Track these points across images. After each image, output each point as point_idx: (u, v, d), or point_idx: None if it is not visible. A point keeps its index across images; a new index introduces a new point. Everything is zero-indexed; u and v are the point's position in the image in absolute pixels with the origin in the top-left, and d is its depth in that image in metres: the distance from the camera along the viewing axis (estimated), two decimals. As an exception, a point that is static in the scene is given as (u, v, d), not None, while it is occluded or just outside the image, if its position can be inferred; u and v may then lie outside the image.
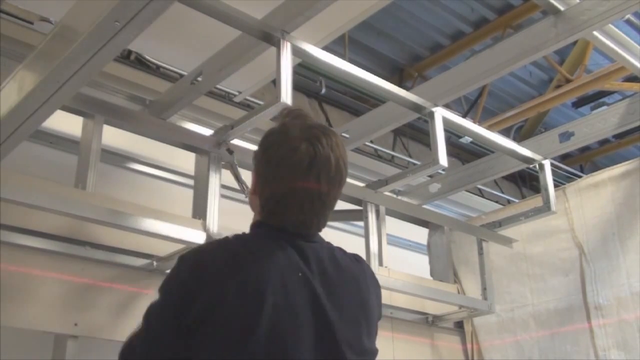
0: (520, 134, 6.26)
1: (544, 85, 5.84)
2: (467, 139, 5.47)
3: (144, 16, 1.52)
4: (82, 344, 2.32)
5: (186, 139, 2.67)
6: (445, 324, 3.67)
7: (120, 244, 2.47)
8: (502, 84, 5.73)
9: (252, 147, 2.98)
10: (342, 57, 3.38)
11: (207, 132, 2.69)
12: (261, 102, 4.03)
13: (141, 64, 3.77)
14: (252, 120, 2.31)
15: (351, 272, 1.39)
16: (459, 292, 3.76)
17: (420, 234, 4.08)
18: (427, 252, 4.00)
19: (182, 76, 3.08)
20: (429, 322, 3.59)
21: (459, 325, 3.79)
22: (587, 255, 3.37)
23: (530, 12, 4.85)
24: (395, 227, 3.96)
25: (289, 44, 2.12)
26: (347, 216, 3.84)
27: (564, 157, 6.67)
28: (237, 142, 2.77)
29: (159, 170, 3.53)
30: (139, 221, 2.26)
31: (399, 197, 3.74)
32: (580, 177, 4.73)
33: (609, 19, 2.32)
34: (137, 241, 2.48)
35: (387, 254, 3.51)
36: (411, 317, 3.52)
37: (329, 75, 4.57)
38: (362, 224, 3.19)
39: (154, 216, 2.35)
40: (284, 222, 1.35)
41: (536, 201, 3.40)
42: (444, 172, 3.76)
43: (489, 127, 4.91)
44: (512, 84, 5.84)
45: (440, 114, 2.73)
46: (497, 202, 5.98)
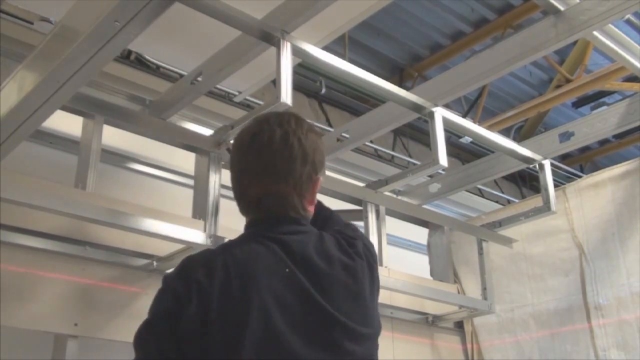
0: (520, 134, 6.26)
1: (544, 85, 5.84)
2: (467, 139, 5.47)
3: (144, 16, 1.53)
4: (82, 344, 2.32)
5: (186, 139, 2.67)
6: (445, 324, 3.67)
7: (120, 244, 2.47)
8: (502, 84, 5.74)
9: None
10: (342, 57, 3.38)
11: (207, 132, 2.69)
12: (261, 102, 4.03)
13: (141, 64, 3.77)
14: (252, 120, 2.31)
15: (340, 260, 1.39)
16: (459, 292, 3.76)
17: (420, 234, 4.08)
18: (427, 252, 3.99)
19: (182, 76, 3.08)
20: (429, 322, 3.59)
21: (459, 325, 3.79)
22: (587, 255, 3.37)
23: (530, 12, 4.85)
24: (395, 227, 3.96)
25: (289, 44, 2.11)
26: (347, 216, 3.83)
27: (564, 157, 6.68)
28: (237, 142, 2.77)
29: (159, 170, 3.53)
30: (139, 221, 2.26)
31: (399, 197, 3.74)
32: (580, 177, 4.73)
33: (609, 19, 2.31)
34: (137, 241, 2.48)
35: (387, 254, 3.51)
36: (411, 317, 3.52)
37: (329, 75, 4.57)
38: (362, 224, 3.19)
39: (154, 216, 2.35)
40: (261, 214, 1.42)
41: (536, 201, 3.40)
42: (444, 172, 3.76)
43: (489, 127, 4.91)
44: (512, 84, 5.84)
45: (440, 114, 2.73)
46: (497, 202, 5.98)
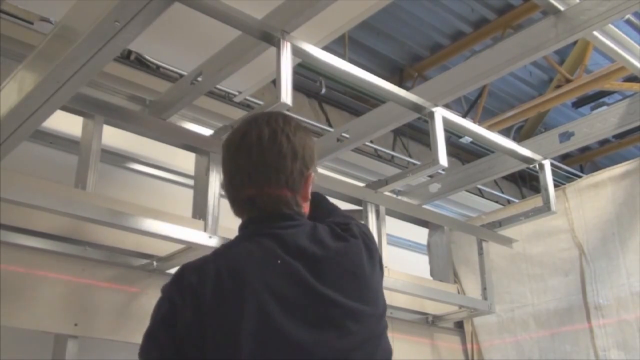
0: (520, 134, 6.26)
1: (544, 85, 5.84)
2: (467, 139, 5.47)
3: (144, 16, 1.53)
4: (82, 344, 2.32)
5: (186, 139, 2.67)
6: (445, 324, 3.67)
7: (120, 244, 2.47)
8: (502, 84, 5.74)
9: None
10: (342, 57, 3.38)
11: (207, 132, 2.69)
12: (261, 102, 4.03)
13: (141, 64, 3.77)
14: (252, 120, 2.31)
15: (335, 243, 1.41)
16: (459, 292, 3.76)
17: (420, 234, 4.07)
18: (427, 252, 3.99)
19: (182, 76, 3.08)
20: (429, 322, 3.59)
21: (459, 325, 3.79)
22: (587, 255, 3.37)
23: (530, 12, 4.85)
24: (395, 227, 3.96)
25: (289, 44, 2.11)
26: (347, 216, 3.85)
27: (564, 157, 6.68)
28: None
29: (159, 170, 3.53)
30: (139, 221, 2.26)
31: (399, 197, 3.74)
32: (580, 177, 4.74)
33: (609, 19, 2.31)
34: (137, 241, 2.48)
35: (387, 254, 3.51)
36: (411, 317, 3.52)
37: (329, 75, 4.57)
38: (362, 224, 3.19)
39: (154, 216, 2.34)
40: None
41: (536, 201, 3.40)
42: (444, 172, 3.76)
43: (489, 127, 4.91)
44: (512, 84, 5.84)
45: (440, 114, 2.72)
46: (497, 202, 5.98)
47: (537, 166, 3.25)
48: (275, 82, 2.13)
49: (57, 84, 1.70)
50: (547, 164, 3.25)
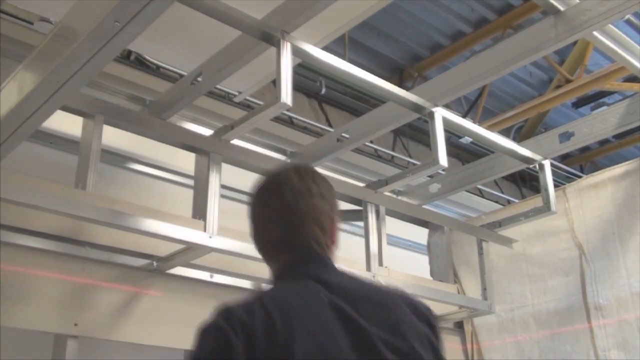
0: (520, 134, 6.26)
1: (544, 85, 5.84)
2: (467, 139, 5.47)
3: (144, 16, 1.52)
4: (82, 344, 2.32)
5: (186, 139, 2.67)
6: (445, 324, 3.66)
7: (120, 244, 2.47)
8: (502, 84, 5.73)
9: (252, 147, 3.00)
10: (342, 57, 3.38)
11: (207, 132, 2.69)
12: (261, 102, 4.03)
13: (141, 64, 3.77)
14: (252, 120, 2.31)
15: (371, 283, 1.52)
16: (459, 292, 3.75)
17: (420, 234, 4.07)
18: (427, 252, 3.99)
19: (182, 76, 3.08)
20: (429, 322, 3.59)
21: (459, 325, 3.79)
22: (587, 255, 3.37)
23: (530, 12, 4.85)
24: (395, 227, 3.96)
25: (289, 44, 2.11)
26: (347, 216, 3.84)
27: (564, 157, 6.68)
28: (237, 142, 2.77)
29: (159, 170, 3.53)
30: (139, 221, 2.26)
31: (399, 197, 3.73)
32: (580, 177, 4.73)
33: (609, 19, 2.31)
34: (137, 241, 2.48)
35: (387, 254, 3.51)
36: (411, 317, 3.51)
37: (329, 75, 4.57)
38: (362, 224, 3.19)
39: (154, 216, 2.35)
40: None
41: (536, 201, 3.40)
42: (444, 172, 3.76)
43: (489, 127, 4.91)
44: (512, 84, 5.84)
45: (440, 114, 2.73)
46: (497, 202, 5.98)
47: (537, 166, 3.25)
48: (275, 82, 2.13)
49: (57, 84, 1.69)
50: (547, 164, 3.25)
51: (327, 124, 5.05)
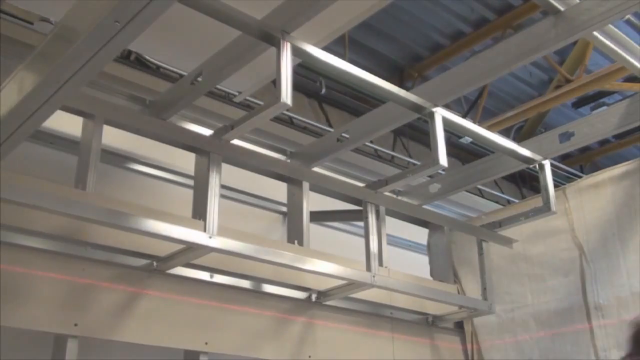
0: (520, 134, 6.26)
1: (544, 85, 5.84)
2: (467, 139, 5.47)
3: (144, 16, 1.53)
4: (82, 344, 2.32)
5: (186, 139, 2.67)
6: (445, 324, 3.67)
7: (120, 244, 2.47)
8: (502, 84, 5.74)
9: (252, 147, 3.00)
10: (342, 57, 3.37)
11: (207, 132, 2.69)
12: (261, 102, 4.03)
13: (141, 64, 3.77)
14: (252, 120, 2.31)
15: None
16: (459, 292, 3.76)
17: (420, 234, 4.08)
18: (427, 252, 3.99)
19: (182, 76, 3.08)
20: (429, 322, 3.59)
21: (459, 325, 3.79)
22: (587, 255, 3.37)
23: (530, 12, 4.85)
24: (395, 227, 3.96)
25: (289, 44, 2.12)
26: (347, 216, 3.85)
27: (564, 157, 6.68)
28: (237, 142, 2.77)
29: (159, 170, 3.53)
30: (139, 221, 2.26)
31: (399, 198, 3.74)
32: (580, 177, 4.74)
33: (609, 19, 2.32)
34: (137, 241, 2.48)
35: (387, 254, 3.51)
36: (411, 317, 3.52)
37: (329, 75, 4.57)
38: (362, 224, 3.19)
39: (154, 216, 2.34)
40: None
41: (536, 201, 3.40)
42: (444, 172, 3.76)
43: (489, 127, 4.91)
44: (512, 84, 5.84)
45: (440, 114, 2.73)
46: (497, 202, 5.98)
47: (537, 166, 3.25)
48: (275, 82, 2.13)
49: (57, 84, 1.70)
50: (547, 164, 3.25)
51: (327, 124, 5.06)
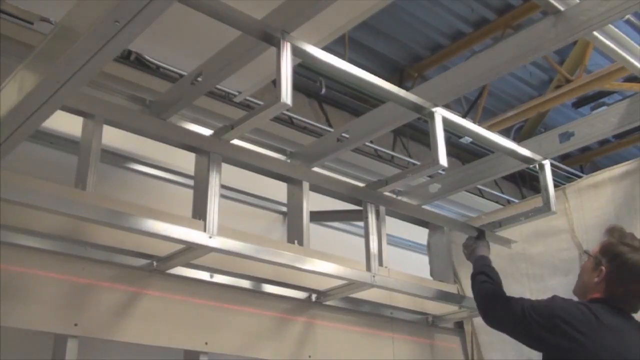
0: (520, 134, 6.26)
1: (544, 85, 5.84)
2: (467, 139, 5.47)
3: (144, 16, 1.52)
4: (82, 344, 2.32)
5: (186, 139, 2.67)
6: (445, 324, 3.67)
7: (120, 244, 2.47)
8: (502, 84, 5.74)
9: (252, 147, 3.00)
10: (342, 57, 3.37)
11: (207, 132, 2.69)
12: (261, 102, 4.03)
13: (141, 64, 3.77)
14: (252, 120, 2.31)
15: None
16: (459, 292, 3.75)
17: (420, 234, 4.07)
18: (427, 252, 3.99)
19: (182, 76, 3.08)
20: (429, 322, 3.59)
21: (459, 325, 3.79)
22: (587, 255, 3.36)
23: (530, 12, 4.85)
24: (395, 227, 3.96)
25: (289, 44, 2.12)
26: (347, 216, 3.85)
27: (564, 157, 6.68)
28: (237, 142, 2.77)
29: (159, 170, 3.53)
30: (139, 221, 2.26)
31: (399, 197, 3.74)
32: (580, 177, 4.74)
33: (609, 19, 2.32)
34: (137, 241, 2.48)
35: (387, 254, 3.51)
36: (411, 317, 3.52)
37: (329, 75, 4.57)
38: (362, 224, 3.20)
39: (154, 216, 2.34)
40: (621, 304, 2.23)
41: (536, 201, 3.40)
42: (444, 173, 3.76)
43: (489, 127, 4.91)
44: (512, 84, 5.84)
45: (440, 114, 2.73)
46: (497, 202, 5.98)
47: (537, 166, 3.25)
48: (275, 82, 2.13)
49: (57, 84, 1.69)
50: (547, 164, 3.25)
51: (327, 124, 5.06)
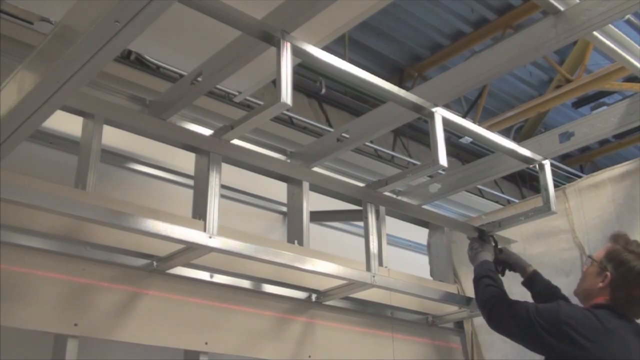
0: (520, 134, 6.27)
1: (544, 85, 5.85)
2: (467, 139, 5.47)
3: (144, 16, 1.52)
4: (82, 344, 2.32)
5: (186, 139, 2.67)
6: (445, 324, 3.66)
7: (120, 244, 2.47)
8: (502, 84, 5.74)
9: (252, 147, 3.00)
10: (342, 57, 3.38)
11: (207, 132, 2.69)
12: (261, 102, 4.03)
13: (141, 64, 3.78)
14: (252, 120, 2.31)
15: None
16: (459, 292, 3.75)
17: (420, 234, 4.08)
18: (427, 252, 3.99)
19: (182, 76, 3.08)
20: (429, 322, 3.59)
21: (459, 325, 3.79)
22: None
23: (530, 12, 4.86)
24: (395, 227, 3.96)
25: (289, 44, 2.11)
26: (347, 216, 3.85)
27: (564, 157, 6.68)
28: (237, 142, 2.77)
29: (159, 170, 3.53)
30: (139, 221, 2.26)
31: (399, 197, 3.73)
32: (580, 177, 4.73)
33: (609, 19, 2.32)
34: (137, 241, 2.48)
35: (387, 254, 3.51)
36: (411, 317, 3.52)
37: (329, 75, 4.56)
38: (362, 224, 3.20)
39: (154, 216, 2.34)
40: (624, 310, 2.24)
41: (536, 201, 3.40)
42: (444, 172, 3.76)
43: (489, 127, 4.91)
44: (512, 84, 5.85)
45: (440, 114, 2.72)
46: (497, 202, 5.98)
47: (537, 166, 3.25)
48: (275, 82, 2.13)
49: (57, 84, 1.69)
50: (547, 164, 3.25)
51: (327, 124, 5.06)
